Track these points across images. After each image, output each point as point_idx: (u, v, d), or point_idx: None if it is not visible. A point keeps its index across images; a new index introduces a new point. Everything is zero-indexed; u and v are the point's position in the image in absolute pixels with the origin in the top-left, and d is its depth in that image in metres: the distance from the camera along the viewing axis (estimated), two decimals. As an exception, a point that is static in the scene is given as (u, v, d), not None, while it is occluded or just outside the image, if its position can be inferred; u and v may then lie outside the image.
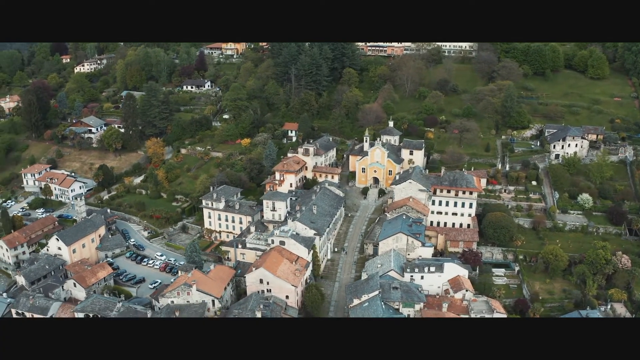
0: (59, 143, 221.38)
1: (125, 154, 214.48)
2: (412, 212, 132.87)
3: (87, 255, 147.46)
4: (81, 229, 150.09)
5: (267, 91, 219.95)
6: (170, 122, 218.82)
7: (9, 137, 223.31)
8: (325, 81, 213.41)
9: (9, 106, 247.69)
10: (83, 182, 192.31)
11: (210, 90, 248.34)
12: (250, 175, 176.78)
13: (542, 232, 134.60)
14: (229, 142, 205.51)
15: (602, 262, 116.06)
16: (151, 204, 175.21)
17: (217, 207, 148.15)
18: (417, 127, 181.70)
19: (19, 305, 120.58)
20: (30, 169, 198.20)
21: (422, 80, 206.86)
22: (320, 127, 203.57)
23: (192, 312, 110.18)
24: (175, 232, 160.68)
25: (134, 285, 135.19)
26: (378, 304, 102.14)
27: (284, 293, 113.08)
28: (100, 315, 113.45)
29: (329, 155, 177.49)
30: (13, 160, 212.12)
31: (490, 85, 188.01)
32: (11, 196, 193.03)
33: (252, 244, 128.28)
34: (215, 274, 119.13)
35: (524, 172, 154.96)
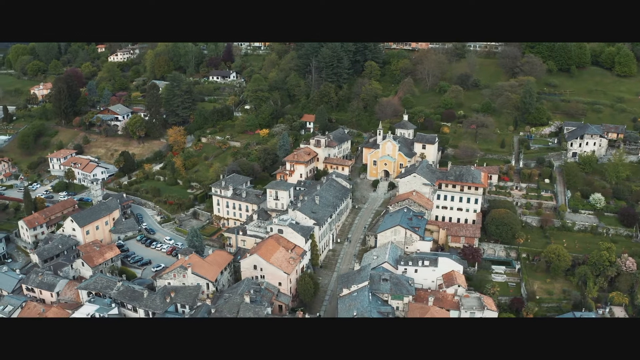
0: (87, 130, 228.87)
1: (148, 141, 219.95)
2: (415, 206, 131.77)
3: (101, 237, 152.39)
4: (95, 211, 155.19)
5: (289, 83, 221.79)
6: (192, 112, 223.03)
7: (40, 122, 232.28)
8: (346, 74, 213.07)
9: (43, 93, 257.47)
10: (105, 168, 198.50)
11: (235, 81, 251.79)
12: (265, 165, 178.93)
13: (549, 231, 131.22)
14: (249, 132, 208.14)
15: (606, 264, 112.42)
16: (167, 190, 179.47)
17: (225, 195, 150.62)
18: (433, 122, 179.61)
19: (28, 281, 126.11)
20: (57, 154, 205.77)
21: (444, 74, 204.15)
22: (338, 120, 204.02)
23: (187, 294, 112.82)
24: (186, 217, 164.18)
25: (140, 267, 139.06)
26: (365, 295, 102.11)
27: (277, 280, 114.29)
28: (102, 293, 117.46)
29: (342, 148, 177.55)
30: (42, 145, 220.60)
31: (511, 80, 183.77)
32: (37, 179, 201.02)
33: (252, 231, 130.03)
34: (212, 259, 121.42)
35: (537, 169, 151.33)
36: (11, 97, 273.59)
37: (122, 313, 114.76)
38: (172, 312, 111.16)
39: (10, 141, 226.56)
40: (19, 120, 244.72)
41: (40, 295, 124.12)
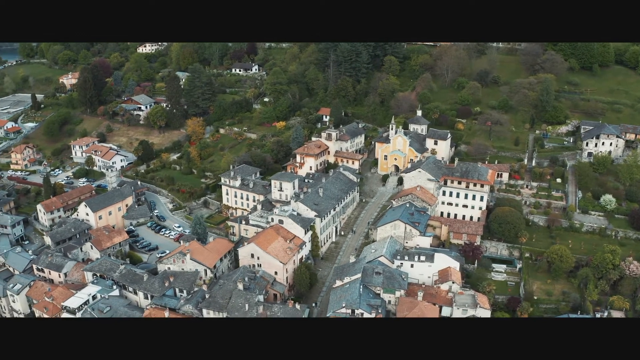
0: (110, 119, 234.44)
1: (168, 131, 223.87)
2: (418, 201, 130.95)
3: (113, 222, 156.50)
4: (109, 197, 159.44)
5: (308, 76, 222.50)
6: (212, 103, 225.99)
7: (66, 111, 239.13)
8: (364, 68, 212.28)
9: (71, 82, 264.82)
10: (124, 156, 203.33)
11: (257, 73, 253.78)
12: (278, 157, 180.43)
13: (555, 231, 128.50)
14: (266, 124, 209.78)
15: (609, 267, 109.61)
16: (181, 179, 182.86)
17: (234, 185, 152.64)
18: (448, 118, 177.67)
19: (38, 261, 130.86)
20: (79, 141, 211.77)
21: (463, 70, 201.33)
22: (354, 114, 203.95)
23: (185, 279, 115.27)
24: (197, 206, 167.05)
25: (147, 252, 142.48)
26: (356, 287, 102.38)
27: (273, 269, 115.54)
28: (106, 275, 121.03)
29: (355, 141, 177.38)
30: (66, 133, 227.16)
31: (530, 78, 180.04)
32: (60, 165, 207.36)
33: (255, 221, 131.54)
34: (212, 246, 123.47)
35: (550, 168, 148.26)
36: (42, 85, 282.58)
37: (123, 295, 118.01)
38: (170, 295, 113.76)
39: (37, 128, 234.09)
40: (46, 108, 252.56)
41: (49, 275, 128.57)
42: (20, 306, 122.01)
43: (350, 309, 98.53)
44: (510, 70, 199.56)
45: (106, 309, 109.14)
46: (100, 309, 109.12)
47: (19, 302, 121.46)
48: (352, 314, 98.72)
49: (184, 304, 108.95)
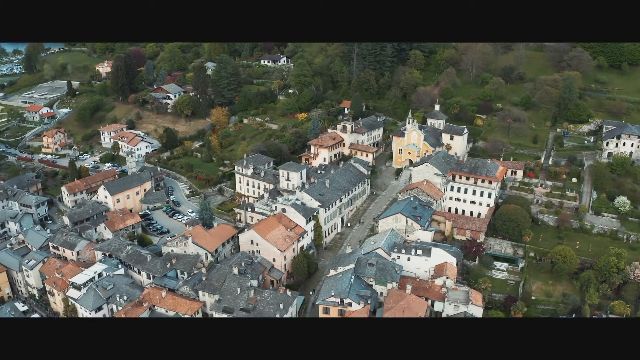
0: (140, 106, 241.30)
1: (194, 120, 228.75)
2: (423, 195, 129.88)
3: (131, 205, 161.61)
4: (127, 181, 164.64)
5: (333, 69, 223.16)
6: (238, 93, 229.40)
7: (99, 98, 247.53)
8: (389, 62, 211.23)
9: (106, 70, 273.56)
10: (149, 142, 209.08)
11: (284, 65, 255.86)
12: (295, 148, 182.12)
13: (564, 232, 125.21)
14: (289, 115, 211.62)
15: (613, 270, 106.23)
16: (201, 166, 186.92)
17: (246, 174, 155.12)
18: (467, 113, 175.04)
19: (54, 239, 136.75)
20: (108, 128, 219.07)
21: (488, 66, 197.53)
22: (376, 107, 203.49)
23: (186, 262, 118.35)
24: (212, 193, 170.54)
25: (158, 235, 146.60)
26: (347, 277, 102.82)
27: (271, 256, 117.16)
28: (113, 254, 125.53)
29: (373, 134, 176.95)
30: (98, 119, 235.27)
31: (555, 75, 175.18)
32: (88, 150, 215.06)
33: (260, 208, 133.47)
34: (215, 231, 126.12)
35: (567, 168, 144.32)
36: (79, 73, 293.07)
37: (129, 274, 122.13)
38: (172, 276, 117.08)
39: (70, 114, 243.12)
40: (81, 95, 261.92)
41: (63, 253, 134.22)
42: (33, 281, 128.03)
43: (339, 298, 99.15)
44: (537, 66, 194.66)
45: (109, 286, 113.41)
46: (104, 286, 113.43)
47: (33, 277, 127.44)
48: (340, 303, 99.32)
49: (182, 285, 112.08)
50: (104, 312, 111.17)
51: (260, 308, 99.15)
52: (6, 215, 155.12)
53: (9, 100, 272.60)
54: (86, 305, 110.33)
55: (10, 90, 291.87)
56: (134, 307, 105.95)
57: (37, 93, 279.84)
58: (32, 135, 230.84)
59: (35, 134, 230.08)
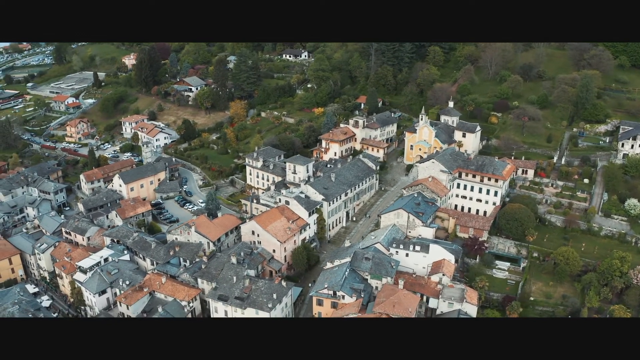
0: (163, 98, 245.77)
1: (214, 112, 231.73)
2: (428, 192, 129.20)
3: (145, 194, 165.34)
4: (142, 171, 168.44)
5: (352, 64, 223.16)
6: (257, 87, 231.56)
7: (123, 89, 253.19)
8: (407, 58, 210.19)
9: (132, 62, 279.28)
10: (168, 134, 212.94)
11: (305, 60, 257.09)
12: (308, 142, 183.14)
13: (571, 233, 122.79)
14: (306, 109, 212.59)
15: (616, 274, 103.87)
16: (217, 158, 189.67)
17: (256, 166, 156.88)
18: (482, 110, 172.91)
19: (67, 225, 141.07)
20: (129, 118, 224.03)
21: (507, 63, 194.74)
22: (392, 103, 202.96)
23: (189, 250, 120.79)
24: (224, 184, 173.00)
25: (168, 223, 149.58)
26: (342, 270, 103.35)
27: (272, 247, 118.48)
28: (121, 241, 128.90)
29: (386, 130, 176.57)
30: (121, 110, 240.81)
31: (574, 73, 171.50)
32: (110, 140, 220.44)
33: (265, 200, 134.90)
34: (219, 221, 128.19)
35: (579, 168, 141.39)
36: (107, 64, 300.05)
37: (135, 260, 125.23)
38: (174, 264, 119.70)
39: (95, 105, 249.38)
40: (107, 86, 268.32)
41: (75, 238, 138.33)
42: (44, 264, 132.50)
43: (332, 290, 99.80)
44: (557, 65, 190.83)
45: (114, 271, 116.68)
46: (108, 270, 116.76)
47: (44, 260, 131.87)
48: (333, 296, 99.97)
49: (182, 272, 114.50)
50: (107, 296, 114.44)
51: (254, 297, 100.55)
52: (25, 201, 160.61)
53: (37, 90, 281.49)
54: (90, 288, 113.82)
55: (39, 80, 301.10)
56: (134, 292, 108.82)
57: (65, 83, 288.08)
58: (57, 124, 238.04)
59: (60, 124, 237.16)
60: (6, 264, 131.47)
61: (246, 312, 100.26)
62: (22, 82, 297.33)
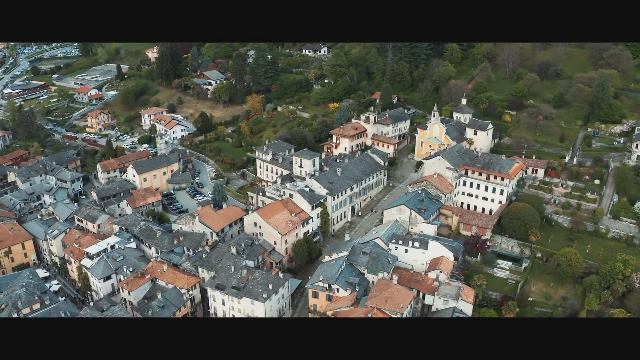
0: (182, 91, 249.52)
1: (232, 106, 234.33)
2: (432, 189, 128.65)
3: (158, 185, 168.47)
4: (155, 162, 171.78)
5: (369, 60, 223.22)
6: (275, 81, 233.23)
7: (145, 82, 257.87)
8: (424, 54, 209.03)
9: (155, 56, 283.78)
10: (185, 126, 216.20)
11: (324, 55, 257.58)
12: (321, 137, 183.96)
13: (577, 234, 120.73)
14: (322, 104, 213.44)
15: (618, 277, 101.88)
16: (231, 151, 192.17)
17: (265, 159, 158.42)
18: (496, 108, 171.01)
19: (79, 212, 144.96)
20: (148, 111, 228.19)
21: (525, 61, 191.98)
22: (407, 99, 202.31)
23: (192, 240, 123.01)
24: (236, 177, 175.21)
25: (177, 214, 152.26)
26: (339, 264, 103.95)
27: (273, 239, 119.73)
28: (129, 229, 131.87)
29: (398, 126, 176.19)
30: (142, 102, 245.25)
31: (591, 72, 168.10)
32: (129, 131, 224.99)
33: (270, 193, 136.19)
34: (224, 212, 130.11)
35: (590, 169, 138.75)
36: (131, 57, 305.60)
37: (141, 248, 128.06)
38: (178, 252, 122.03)
39: (117, 97, 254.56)
40: (129, 78, 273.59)
41: (86, 225, 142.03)
42: (56, 249, 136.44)
43: (327, 283, 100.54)
44: (576, 64, 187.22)
45: (119, 257, 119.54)
46: (114, 257, 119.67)
47: (55, 245, 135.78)
48: (328, 289, 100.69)
49: (184, 261, 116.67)
50: (112, 282, 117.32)
51: (250, 287, 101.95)
52: (42, 189, 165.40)
53: (62, 82, 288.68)
54: (96, 273, 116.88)
55: (65, 71, 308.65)
56: (137, 278, 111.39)
57: (90, 75, 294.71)
58: (79, 115, 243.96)
59: (82, 114, 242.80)
60: (19, 249, 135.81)
61: (242, 302, 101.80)
62: (49, 74, 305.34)
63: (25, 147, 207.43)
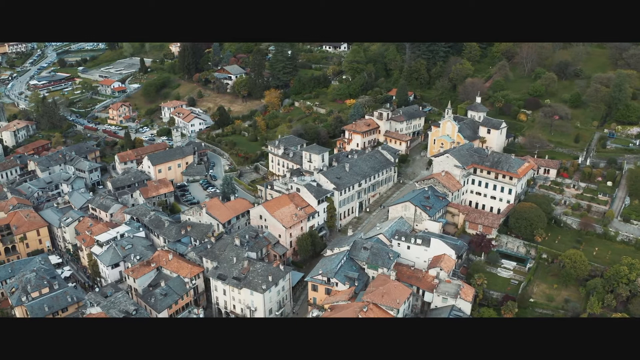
0: (203, 85, 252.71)
1: (250, 100, 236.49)
2: (439, 186, 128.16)
3: (172, 176, 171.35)
4: (170, 154, 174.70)
5: (387, 56, 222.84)
6: (293, 77, 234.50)
7: (167, 75, 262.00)
8: (442, 52, 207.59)
9: (178, 50, 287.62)
10: (203, 120, 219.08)
11: (344, 51, 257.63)
12: (335, 132, 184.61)
13: (585, 236, 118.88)
14: (338, 100, 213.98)
15: (623, 281, 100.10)
16: (246, 145, 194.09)
17: (277, 153, 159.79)
18: (511, 107, 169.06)
19: (93, 201, 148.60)
20: (168, 104, 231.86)
21: (544, 61, 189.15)
22: (424, 97, 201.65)
23: (199, 230, 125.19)
24: (249, 170, 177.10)
25: (189, 205, 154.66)
26: (339, 258, 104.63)
27: (277, 232, 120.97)
28: (139, 218, 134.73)
29: (412, 124, 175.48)
30: (163, 96, 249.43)
31: (610, 72, 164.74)
32: (149, 124, 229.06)
33: (278, 187, 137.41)
34: (231, 205, 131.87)
35: (604, 170, 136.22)
36: (156, 51, 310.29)
37: (150, 237, 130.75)
38: (185, 242, 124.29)
39: (138, 90, 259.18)
40: (152, 72, 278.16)
41: (99, 214, 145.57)
42: (69, 236, 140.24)
43: (326, 277, 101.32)
44: (597, 64, 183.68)
45: (128, 246, 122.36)
46: (123, 245, 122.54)
47: (68, 232, 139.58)
48: (327, 282, 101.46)
49: (190, 251, 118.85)
50: (120, 269, 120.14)
51: (250, 278, 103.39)
52: (60, 178, 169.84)
53: (87, 74, 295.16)
54: (104, 261, 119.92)
55: (91, 64, 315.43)
56: (142, 266, 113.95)
57: (115, 68, 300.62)
58: (101, 107, 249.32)
59: (104, 106, 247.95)
60: (34, 235, 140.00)
61: (242, 292, 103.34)
62: (75, 66, 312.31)
63: (47, 137, 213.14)
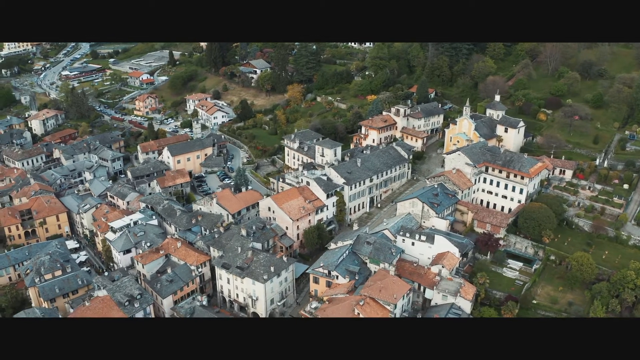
0: (229, 79, 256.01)
1: (273, 94, 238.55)
2: (449, 184, 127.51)
3: (191, 167, 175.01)
4: (189, 145, 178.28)
5: (411, 53, 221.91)
6: (316, 72, 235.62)
7: (194, 68, 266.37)
8: (465, 49, 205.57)
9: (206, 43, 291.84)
10: (226, 113, 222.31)
11: (368, 47, 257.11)
12: (353, 128, 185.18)
13: (596, 239, 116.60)
14: (360, 96, 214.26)
15: (629, 286, 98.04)
16: (266, 138, 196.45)
17: (293, 147, 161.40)
18: (531, 106, 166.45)
19: (111, 189, 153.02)
20: (193, 96, 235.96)
21: (568, 60, 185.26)
22: (445, 94, 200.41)
23: (209, 220, 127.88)
24: (266, 163, 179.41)
25: (204, 196, 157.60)
26: (341, 252, 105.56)
27: (285, 224, 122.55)
28: (153, 207, 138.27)
29: (431, 121, 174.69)
30: (189, 88, 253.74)
31: (634, 73, 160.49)
32: (174, 116, 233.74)
33: (289, 180, 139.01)
34: (242, 196, 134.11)
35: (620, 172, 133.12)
36: (186, 44, 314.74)
37: (162, 225, 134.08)
38: (195, 231, 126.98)
39: (166, 82, 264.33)
40: (180, 65, 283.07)
41: (116, 202, 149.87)
42: (86, 222, 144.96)
43: (327, 270, 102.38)
44: (622, 64, 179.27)
45: (140, 233, 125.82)
46: (135, 232, 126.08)
47: (86, 219, 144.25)
48: (328, 275, 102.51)
49: (198, 240, 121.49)
50: (131, 255, 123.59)
51: (253, 268, 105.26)
52: (84, 166, 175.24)
53: (118, 66, 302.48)
54: (117, 246, 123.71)
55: (122, 56, 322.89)
56: (151, 253, 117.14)
57: (145, 61, 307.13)
58: (128, 98, 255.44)
59: (132, 98, 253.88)
60: (54, 220, 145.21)
61: (244, 281, 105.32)
62: (107, 58, 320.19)
63: (75, 126, 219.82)
